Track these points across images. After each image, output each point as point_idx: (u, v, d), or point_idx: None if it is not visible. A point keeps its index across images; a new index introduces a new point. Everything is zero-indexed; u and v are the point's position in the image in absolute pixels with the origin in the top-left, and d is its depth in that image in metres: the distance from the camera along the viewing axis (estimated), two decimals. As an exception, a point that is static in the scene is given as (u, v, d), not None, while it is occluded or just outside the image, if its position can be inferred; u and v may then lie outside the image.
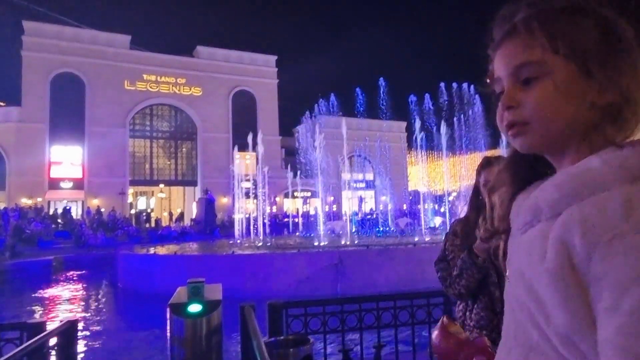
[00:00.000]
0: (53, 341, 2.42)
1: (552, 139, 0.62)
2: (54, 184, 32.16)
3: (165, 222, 32.15)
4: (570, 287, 0.51)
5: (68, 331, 2.48)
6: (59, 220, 26.28)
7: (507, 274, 0.67)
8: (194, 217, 31.35)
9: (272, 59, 40.42)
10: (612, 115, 0.60)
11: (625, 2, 0.63)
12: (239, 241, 18.35)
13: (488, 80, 0.69)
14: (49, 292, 13.41)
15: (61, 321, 2.60)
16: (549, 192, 0.58)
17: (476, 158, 43.10)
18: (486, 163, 1.91)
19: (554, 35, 0.60)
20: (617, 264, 0.48)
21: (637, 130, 0.60)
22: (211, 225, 27.41)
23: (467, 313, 1.92)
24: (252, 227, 20.36)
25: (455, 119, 30.34)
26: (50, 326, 2.56)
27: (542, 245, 0.55)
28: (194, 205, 33.72)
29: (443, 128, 25.66)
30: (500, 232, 0.74)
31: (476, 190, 1.99)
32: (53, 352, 2.45)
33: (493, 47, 0.67)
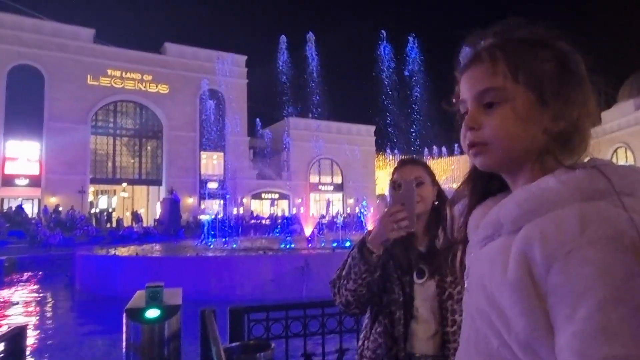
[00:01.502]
0: (0, 347, 2.29)
1: (509, 159, 0.67)
2: (8, 181, 30.67)
3: (127, 223, 31.22)
4: (531, 297, 0.55)
5: (16, 338, 2.36)
6: (14, 219, 25.07)
7: (465, 284, 0.71)
8: (157, 217, 30.61)
9: (242, 58, 40.06)
10: (563, 141, 0.66)
11: (579, 37, 0.67)
12: (203, 243, 18.03)
13: (454, 100, 0.74)
14: (1, 294, 12.75)
15: (9, 327, 2.47)
16: (510, 208, 0.62)
17: (443, 163, 44.20)
18: (400, 164, 1.74)
19: (515, 65, 0.65)
20: (573, 275, 0.52)
21: (585, 155, 0.66)
22: (176, 226, 26.82)
23: (365, 342, 1.57)
24: (217, 229, 20.06)
25: (423, 124, 30.94)
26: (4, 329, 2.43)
27: (503, 258, 0.59)
28: (158, 205, 32.94)
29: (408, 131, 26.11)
30: (458, 243, 0.78)
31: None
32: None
33: (460, 70, 0.72)
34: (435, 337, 1.48)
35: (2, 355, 2.31)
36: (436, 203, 1.64)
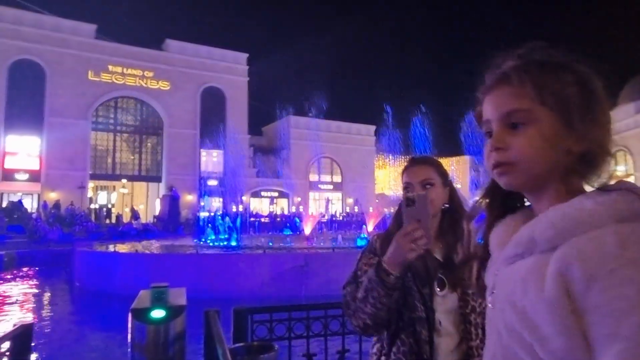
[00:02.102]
0: (5, 346, 2.30)
1: (534, 179, 0.69)
2: (8, 176, 30.63)
3: (127, 219, 31.21)
4: (568, 316, 0.56)
5: (22, 336, 2.37)
6: (14, 214, 25.05)
7: (489, 300, 0.72)
8: (157, 214, 30.61)
9: (243, 56, 40.01)
10: (588, 161, 0.68)
11: (595, 61, 0.70)
12: (203, 240, 18.04)
13: (476, 119, 0.77)
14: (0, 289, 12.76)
15: (14, 325, 2.48)
16: (545, 227, 0.64)
17: (443, 163, 44.11)
18: (410, 164, 1.65)
19: (542, 87, 0.68)
20: (614, 294, 0.53)
21: (608, 173, 0.68)
22: (175, 223, 26.83)
23: (383, 358, 1.49)
24: (216, 226, 20.06)
25: (423, 124, 30.95)
26: (1, 329, 2.44)
27: (538, 277, 0.61)
28: (158, 201, 32.94)
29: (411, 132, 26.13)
30: (477, 258, 0.80)
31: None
32: None
33: (483, 91, 0.74)
34: (458, 351, 1.44)
35: (7, 353, 2.32)
36: (446, 206, 1.57)
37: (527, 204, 0.79)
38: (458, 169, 47.27)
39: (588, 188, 0.69)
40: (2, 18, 30.45)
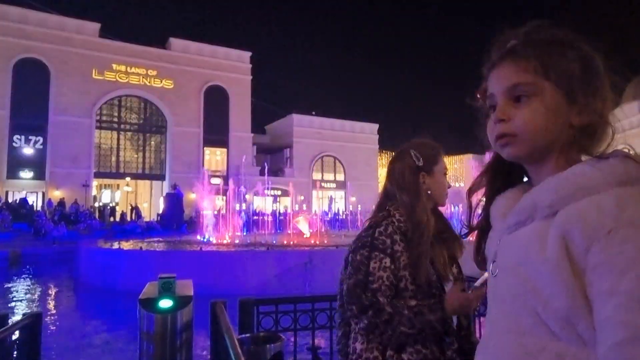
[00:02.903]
0: (15, 335, 2.34)
1: (536, 150, 0.72)
2: (13, 174, 30.81)
3: (131, 217, 31.32)
4: (570, 275, 0.60)
5: (32, 325, 2.41)
6: (19, 211, 25.18)
7: (490, 269, 0.75)
8: (160, 212, 30.72)
9: (247, 55, 40.04)
10: (589, 133, 0.71)
11: (596, 40, 0.74)
12: (206, 238, 18.10)
13: (479, 95, 0.80)
14: (5, 287, 12.85)
15: (24, 314, 2.52)
16: (546, 193, 0.67)
17: (446, 161, 44.07)
18: (443, 152, 1.69)
19: (546, 62, 0.71)
20: (614, 253, 0.57)
21: (607, 144, 0.71)
22: (178, 221, 26.92)
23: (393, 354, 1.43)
24: (220, 224, 20.12)
25: (426, 121, 30.92)
26: (14, 319, 2.48)
27: (539, 240, 0.64)
28: (161, 200, 33.03)
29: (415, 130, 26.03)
30: (478, 229, 0.84)
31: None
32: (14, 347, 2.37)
33: (489, 67, 0.77)
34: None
35: (18, 342, 2.36)
36: (429, 192, 1.59)
37: (525, 180, 0.82)
38: (461, 167, 47.23)
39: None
40: (7, 17, 30.60)
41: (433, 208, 1.60)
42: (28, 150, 31.41)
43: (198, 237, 18.32)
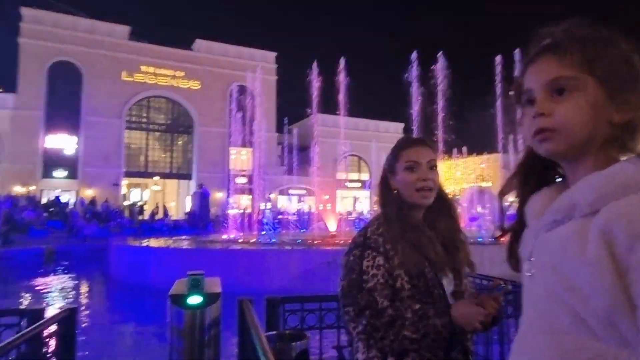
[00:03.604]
0: (52, 328, 2.44)
1: (576, 146, 0.70)
2: (48, 173, 31.97)
3: (158, 215, 32.05)
4: (612, 274, 0.59)
5: (67, 319, 2.50)
6: (52, 209, 26.10)
7: (525, 268, 0.74)
8: (187, 210, 31.29)
9: (272, 55, 40.35)
10: (630, 130, 0.70)
11: (635, 42, 0.73)
12: (232, 236, 18.34)
13: (513, 91, 0.78)
14: (40, 282, 13.35)
15: (60, 308, 2.62)
16: (586, 192, 0.66)
17: (471, 161, 43.39)
18: (412, 143, 1.55)
19: (592, 58, 0.70)
20: None
21: None
22: (205, 219, 27.36)
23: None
24: (246, 223, 20.36)
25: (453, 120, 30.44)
26: (49, 313, 2.58)
27: (579, 239, 0.63)
28: (188, 198, 33.64)
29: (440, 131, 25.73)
30: (511, 231, 0.82)
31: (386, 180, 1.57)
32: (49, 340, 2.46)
33: (528, 61, 0.76)
34: None
35: (54, 335, 2.46)
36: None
37: (559, 180, 0.80)
38: (489, 167, 46.33)
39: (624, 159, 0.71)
40: (43, 21, 31.77)
41: (440, 208, 1.53)
42: (62, 150, 32.51)
43: (224, 235, 18.58)
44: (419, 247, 1.41)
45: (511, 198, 0.88)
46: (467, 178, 38.12)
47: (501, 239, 0.91)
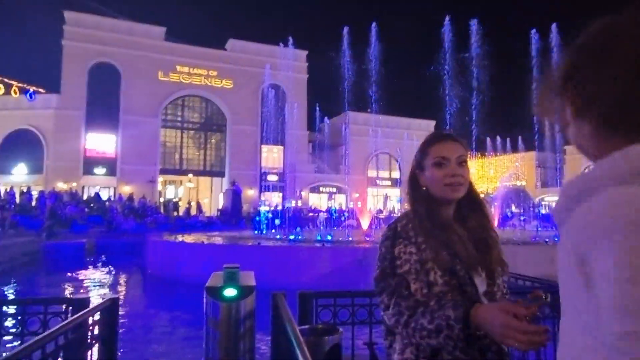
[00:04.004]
0: (96, 317, 2.55)
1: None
2: (89, 170, 33.27)
3: (193, 212, 32.81)
4: (582, 279, 0.57)
5: (110, 308, 2.62)
6: (93, 205, 27.15)
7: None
8: (220, 207, 31.90)
9: (303, 54, 40.52)
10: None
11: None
12: (264, 233, 18.58)
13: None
14: (82, 274, 13.94)
15: (103, 298, 2.74)
16: (560, 199, 0.65)
17: (506, 159, 42.29)
18: (441, 138, 1.51)
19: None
20: (599, 261, 0.54)
21: None
22: (237, 216, 27.82)
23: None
24: (277, 220, 20.57)
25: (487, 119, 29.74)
26: (93, 302, 2.70)
27: (564, 246, 0.62)
28: (221, 196, 34.29)
29: (474, 129, 25.18)
30: None
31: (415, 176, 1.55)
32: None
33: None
34: None
35: (98, 323, 2.57)
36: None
37: None
38: (523, 165, 45.00)
39: None
40: (83, 24, 33.07)
41: (471, 205, 1.49)
42: (101, 148, 33.75)
43: (255, 232, 18.84)
44: (449, 245, 1.37)
45: (548, 198, 0.85)
46: (501, 176, 37.18)
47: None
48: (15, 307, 2.78)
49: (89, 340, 2.41)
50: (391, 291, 1.32)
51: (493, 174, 39.39)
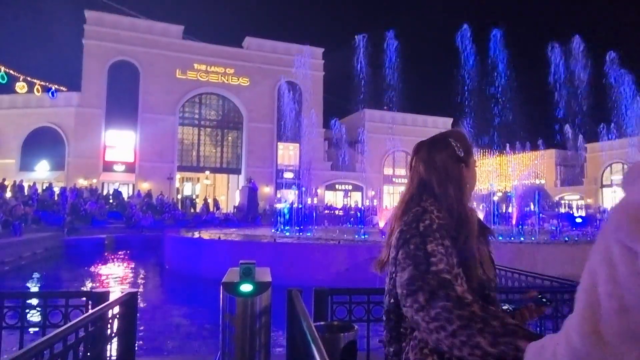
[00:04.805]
0: (115, 310, 2.60)
1: None
2: (108, 167, 33.85)
3: (210, 208, 33.10)
4: None
5: (129, 301, 2.67)
6: (112, 201, 27.64)
7: None
8: (236, 204, 32.14)
9: (319, 51, 40.48)
10: None
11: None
12: (280, 230, 18.65)
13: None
14: (102, 268, 14.21)
15: (122, 292, 2.79)
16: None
17: (524, 158, 41.59)
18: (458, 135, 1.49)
19: None
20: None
21: None
22: (253, 213, 28.00)
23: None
24: (292, 217, 20.61)
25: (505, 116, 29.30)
26: (113, 296, 2.75)
27: None
28: (237, 192, 34.54)
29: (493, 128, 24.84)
30: None
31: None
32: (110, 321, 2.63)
33: None
34: None
35: (117, 316, 2.62)
36: (468, 186, 1.48)
37: None
38: (542, 163, 44.22)
39: None
40: (104, 23, 33.60)
41: None
42: (121, 146, 34.30)
43: (272, 230, 18.93)
44: (480, 261, 1.31)
45: (568, 197, 0.83)
46: (520, 175, 36.60)
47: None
48: (37, 300, 2.85)
49: (108, 332, 2.45)
50: (432, 289, 1.12)
51: (512, 172, 38.79)
